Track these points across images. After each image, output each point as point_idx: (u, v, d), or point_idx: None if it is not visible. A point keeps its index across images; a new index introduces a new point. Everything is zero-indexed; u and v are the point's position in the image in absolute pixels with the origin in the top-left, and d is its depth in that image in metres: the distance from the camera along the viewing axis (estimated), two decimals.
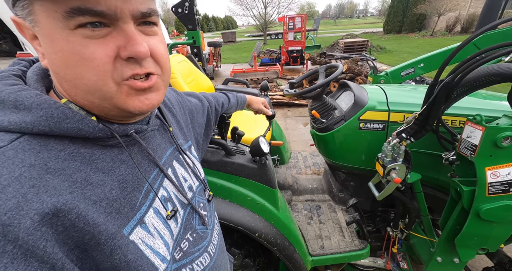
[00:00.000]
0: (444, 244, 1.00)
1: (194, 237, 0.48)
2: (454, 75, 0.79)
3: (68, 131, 0.33)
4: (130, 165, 0.39)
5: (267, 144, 0.95)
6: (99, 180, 0.35)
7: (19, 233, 0.26)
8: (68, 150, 0.33)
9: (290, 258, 1.01)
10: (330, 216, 1.38)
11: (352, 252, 1.16)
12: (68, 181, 0.31)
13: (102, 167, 0.36)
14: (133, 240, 0.36)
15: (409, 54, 9.86)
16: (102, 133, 0.36)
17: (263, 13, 20.28)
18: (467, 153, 0.85)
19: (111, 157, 0.37)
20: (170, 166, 0.47)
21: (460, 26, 15.49)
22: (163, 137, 0.49)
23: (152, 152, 0.42)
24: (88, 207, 0.32)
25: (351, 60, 5.82)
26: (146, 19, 0.35)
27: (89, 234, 0.31)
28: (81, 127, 0.34)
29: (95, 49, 0.31)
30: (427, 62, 1.66)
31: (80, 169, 0.33)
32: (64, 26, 0.29)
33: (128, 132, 0.39)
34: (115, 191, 0.36)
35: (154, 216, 0.40)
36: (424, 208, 1.08)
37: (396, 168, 0.96)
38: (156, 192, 0.42)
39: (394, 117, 1.11)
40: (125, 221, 0.36)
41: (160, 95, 0.39)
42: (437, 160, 1.04)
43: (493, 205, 0.84)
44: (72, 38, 0.30)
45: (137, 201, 0.38)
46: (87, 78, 0.32)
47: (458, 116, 1.03)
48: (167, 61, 0.39)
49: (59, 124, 0.32)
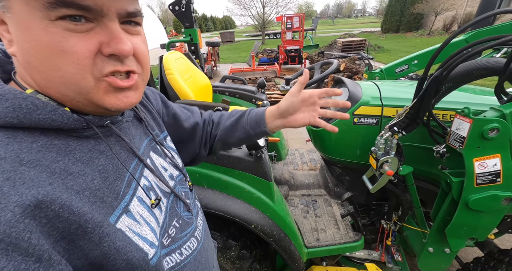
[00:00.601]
0: (435, 235, 1.03)
1: (180, 224, 0.49)
2: (443, 69, 0.82)
3: (40, 122, 0.32)
4: (109, 155, 0.39)
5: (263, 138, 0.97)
6: (79, 170, 0.34)
7: (0, 226, 0.24)
8: (40, 142, 0.32)
9: (286, 249, 1.03)
10: (326, 209, 1.41)
11: (347, 244, 1.19)
12: (46, 172, 0.30)
13: (81, 158, 0.35)
14: (120, 228, 0.36)
15: (407, 53, 9.84)
16: (77, 124, 0.34)
17: (261, 13, 20.31)
18: (456, 145, 0.88)
19: (88, 147, 0.36)
20: (148, 157, 0.47)
21: (457, 25, 15.58)
22: (137, 128, 0.48)
23: (129, 142, 0.42)
24: (72, 196, 0.31)
25: (349, 59, 5.86)
26: (131, 19, 0.35)
27: (75, 223, 0.30)
28: (55, 118, 0.32)
29: (76, 42, 0.30)
30: (421, 59, 1.69)
31: (57, 159, 0.32)
32: (44, 16, 0.29)
33: (104, 123, 0.38)
34: (96, 181, 0.35)
35: (139, 204, 0.40)
36: (416, 200, 1.11)
37: (389, 160, 0.98)
38: (138, 181, 0.41)
39: (387, 112, 1.14)
40: (110, 210, 0.35)
41: (138, 94, 0.39)
42: (429, 153, 1.07)
43: (481, 195, 0.86)
44: (52, 29, 0.29)
45: (120, 190, 0.38)
46: (64, 71, 0.31)
47: (449, 110, 1.05)
48: (148, 61, 0.40)
49: (29, 116, 0.31)
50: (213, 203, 0.94)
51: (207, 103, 1.23)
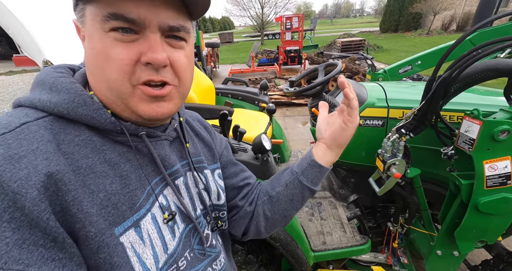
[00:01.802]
0: (444, 238, 1.02)
1: (192, 257, 0.46)
2: (452, 70, 0.81)
3: (82, 117, 0.36)
4: (135, 165, 0.40)
5: (269, 141, 0.96)
6: (103, 171, 0.36)
7: (26, 202, 0.28)
8: (83, 136, 0.36)
9: (293, 253, 1.02)
10: (331, 212, 1.39)
11: (354, 247, 1.18)
12: (73, 165, 0.33)
13: (109, 159, 0.37)
14: (123, 242, 0.35)
15: (406, 53, 9.92)
16: (112, 127, 0.37)
17: (260, 14, 20.31)
18: (465, 147, 0.87)
19: (119, 152, 0.39)
20: (178, 178, 0.46)
21: (456, 24, 15.62)
22: (175, 149, 0.48)
23: (158, 157, 0.42)
24: (85, 195, 0.33)
25: (349, 60, 5.85)
26: (174, 33, 0.37)
27: (80, 222, 0.31)
28: (94, 116, 0.36)
29: (120, 51, 0.34)
30: (424, 59, 1.68)
31: (88, 156, 0.35)
32: (101, 27, 0.34)
33: (138, 133, 0.40)
34: (115, 185, 0.36)
35: (151, 222, 0.39)
36: (424, 203, 1.10)
37: (396, 163, 0.97)
38: (156, 198, 0.41)
39: (394, 114, 1.13)
40: (120, 219, 0.35)
41: (172, 105, 0.40)
42: (436, 155, 1.06)
43: (491, 197, 0.85)
44: (105, 39, 0.34)
45: (138, 201, 0.38)
46: (108, 75, 0.35)
47: (457, 111, 1.04)
48: (188, 75, 0.41)
49: (76, 109, 0.35)
50: None
51: (212, 106, 1.22)
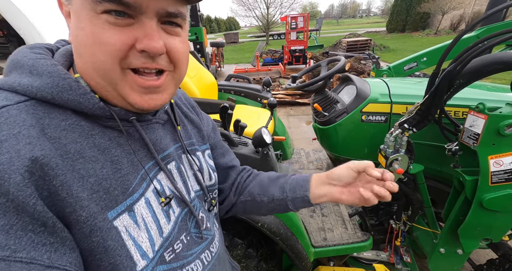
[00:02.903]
0: (447, 235, 1.00)
1: (188, 240, 0.45)
2: (456, 63, 0.80)
3: (68, 102, 0.34)
4: (126, 149, 0.38)
5: (269, 135, 0.96)
6: (92, 155, 0.34)
7: (10, 187, 0.27)
8: (69, 121, 0.34)
9: (292, 248, 1.01)
10: (333, 209, 1.38)
11: (355, 244, 1.17)
12: (61, 150, 0.32)
13: (99, 144, 0.36)
14: (117, 226, 0.34)
15: (413, 52, 9.67)
16: (101, 112, 0.36)
17: (266, 14, 20.32)
18: (470, 142, 0.85)
19: (109, 137, 0.37)
20: (175, 160, 0.46)
21: (465, 24, 15.32)
22: (167, 132, 0.47)
23: (150, 142, 0.41)
24: (74, 179, 0.32)
25: (354, 59, 5.80)
26: (171, 19, 0.36)
27: (70, 206, 0.31)
28: (81, 101, 0.34)
29: (112, 34, 0.32)
30: (430, 56, 1.65)
31: (76, 140, 0.34)
32: (92, 8, 0.32)
33: (129, 118, 0.38)
34: (106, 170, 0.35)
35: (145, 206, 0.38)
36: (427, 200, 1.08)
37: (399, 158, 0.96)
38: (150, 182, 0.40)
39: (397, 109, 1.12)
40: (112, 204, 0.34)
41: (166, 96, 0.39)
42: (440, 151, 1.04)
43: (496, 194, 0.84)
44: (95, 21, 0.32)
45: (131, 185, 0.37)
46: (97, 59, 0.33)
47: (461, 107, 1.02)
48: (184, 61, 0.39)
49: (61, 94, 0.33)
50: None
51: (213, 101, 1.23)
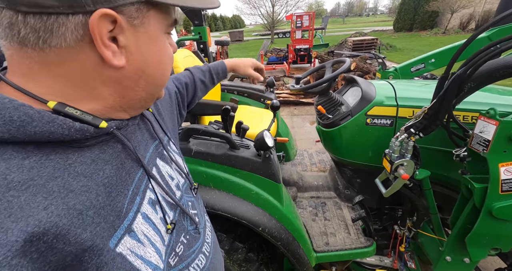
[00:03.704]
0: (454, 243, 0.97)
1: (188, 239, 0.46)
2: (467, 67, 0.77)
3: (37, 136, 0.27)
4: (115, 165, 0.35)
5: (271, 138, 0.94)
6: (82, 185, 0.29)
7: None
8: (34, 158, 0.27)
9: (294, 253, 1.00)
10: (336, 213, 1.36)
11: (358, 249, 1.14)
12: (42, 193, 0.26)
13: (83, 171, 0.30)
14: (121, 252, 0.32)
15: (420, 52, 9.56)
16: (80, 135, 0.30)
17: (271, 12, 20.21)
18: (480, 149, 0.82)
19: (91, 158, 0.32)
20: (154, 165, 0.44)
21: (475, 23, 14.98)
22: (143, 132, 0.44)
23: (135, 149, 0.38)
24: (73, 219, 0.27)
25: (360, 58, 5.72)
26: None
27: (71, 254, 0.27)
28: (53, 130, 0.28)
29: (170, 51, 0.40)
30: (438, 57, 1.61)
31: (54, 176, 0.28)
32: (165, 31, 0.37)
33: (109, 130, 0.34)
34: (101, 197, 0.31)
35: (143, 222, 0.36)
36: (433, 206, 1.05)
37: (404, 164, 0.93)
38: (143, 195, 0.38)
39: (403, 113, 1.09)
40: (111, 231, 0.32)
41: None
42: (447, 156, 1.01)
43: (506, 202, 0.81)
44: (164, 39, 0.37)
45: (123, 207, 0.34)
46: (167, 74, 0.40)
47: (471, 111, 0.99)
48: None
49: (23, 129, 0.26)
50: (220, 204, 0.91)
51: (215, 102, 1.21)
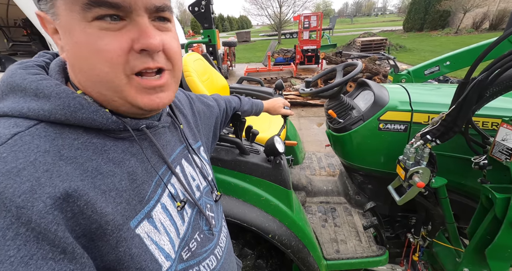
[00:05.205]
0: (472, 255, 0.93)
1: (202, 238, 0.48)
2: (489, 72, 0.73)
3: (83, 121, 0.34)
4: (140, 158, 0.39)
5: (282, 143, 0.93)
6: (109, 170, 0.35)
7: (32, 215, 0.26)
8: (81, 139, 0.34)
9: (304, 261, 0.98)
10: (346, 219, 1.33)
11: (370, 258, 1.11)
12: (80, 169, 0.32)
13: (113, 158, 0.36)
14: (139, 233, 0.36)
15: (431, 53, 9.41)
16: (115, 126, 0.36)
17: (278, 13, 20.17)
18: (502, 157, 0.79)
19: (122, 148, 0.38)
20: (179, 164, 0.48)
21: (489, 23, 14.55)
22: (173, 134, 0.49)
23: (161, 148, 0.43)
24: (98, 195, 0.32)
25: (369, 59, 5.64)
26: (160, 14, 0.36)
27: (96, 223, 0.31)
28: (95, 118, 0.34)
29: (110, 41, 0.32)
30: (454, 60, 1.55)
31: (91, 158, 0.34)
32: (82, 18, 0.31)
33: (139, 127, 0.39)
34: (124, 182, 0.36)
35: (161, 212, 0.40)
36: (450, 215, 1.01)
37: (420, 171, 0.90)
38: (164, 188, 0.42)
39: (418, 118, 1.05)
40: (132, 213, 0.36)
41: (171, 94, 0.40)
42: (464, 164, 0.97)
43: None
44: (89, 30, 0.31)
45: (146, 194, 0.38)
46: (99, 70, 0.32)
47: (491, 117, 0.95)
48: (179, 58, 0.40)
49: (75, 114, 0.33)
50: (230, 210, 0.91)
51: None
